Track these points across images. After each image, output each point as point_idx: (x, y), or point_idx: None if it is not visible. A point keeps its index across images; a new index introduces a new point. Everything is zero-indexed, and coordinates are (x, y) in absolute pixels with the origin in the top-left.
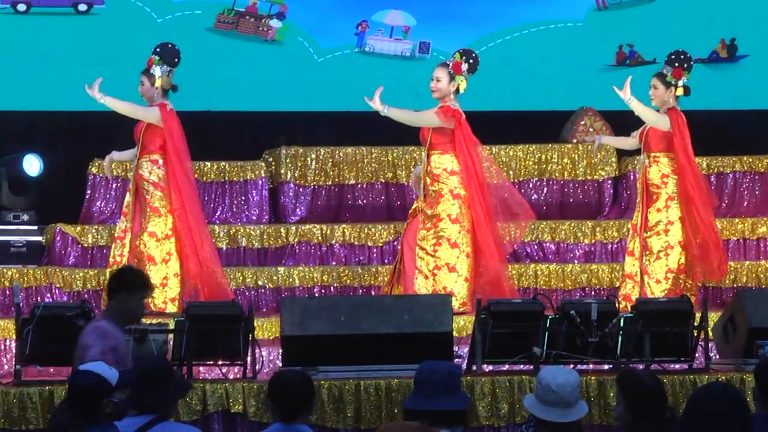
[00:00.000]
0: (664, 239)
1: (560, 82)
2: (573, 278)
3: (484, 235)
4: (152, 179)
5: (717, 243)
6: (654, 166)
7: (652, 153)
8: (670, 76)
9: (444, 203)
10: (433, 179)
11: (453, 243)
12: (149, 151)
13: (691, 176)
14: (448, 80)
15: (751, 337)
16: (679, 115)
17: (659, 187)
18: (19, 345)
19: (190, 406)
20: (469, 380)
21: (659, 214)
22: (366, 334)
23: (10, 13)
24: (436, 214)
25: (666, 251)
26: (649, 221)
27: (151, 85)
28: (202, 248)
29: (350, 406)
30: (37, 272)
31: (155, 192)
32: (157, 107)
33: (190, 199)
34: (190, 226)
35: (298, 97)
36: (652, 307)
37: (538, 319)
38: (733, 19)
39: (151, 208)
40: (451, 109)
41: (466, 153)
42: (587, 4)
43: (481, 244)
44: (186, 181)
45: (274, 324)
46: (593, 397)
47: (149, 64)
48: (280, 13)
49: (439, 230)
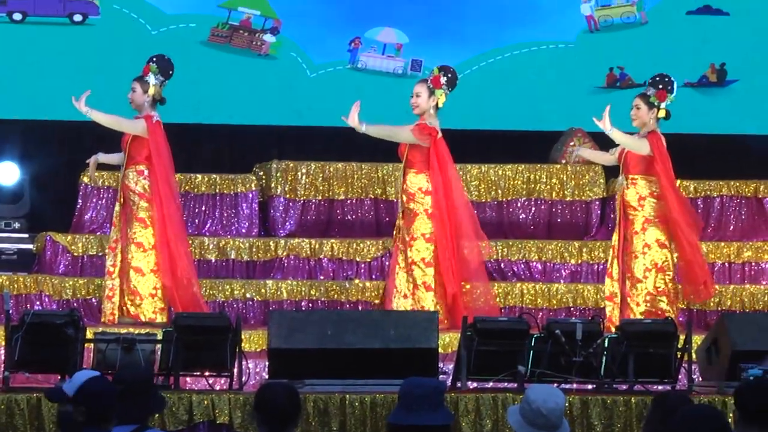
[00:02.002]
0: (642, 262)
1: (550, 102)
2: (559, 298)
3: (444, 253)
4: (138, 190)
5: (702, 264)
6: (632, 188)
7: (630, 175)
8: (654, 98)
9: (418, 222)
10: (409, 198)
11: (427, 262)
12: (136, 162)
13: (674, 198)
14: (428, 95)
15: (734, 360)
16: (659, 138)
17: (636, 210)
18: (8, 352)
19: (176, 416)
20: (454, 396)
21: (637, 237)
22: (352, 349)
23: (6, 22)
24: (410, 233)
25: (644, 274)
26: (629, 244)
27: (144, 92)
28: (180, 260)
29: (335, 420)
30: (27, 280)
31: (141, 203)
32: (143, 119)
33: (170, 211)
34: (168, 238)
35: (290, 112)
36: (637, 328)
37: (523, 337)
38: (723, 45)
39: (137, 218)
40: (428, 126)
41: (437, 172)
42: (579, 26)
43: (441, 261)
44: (168, 192)
45: (262, 336)
46: (576, 417)
47: (145, 72)
48: (273, 28)
49: (414, 249)
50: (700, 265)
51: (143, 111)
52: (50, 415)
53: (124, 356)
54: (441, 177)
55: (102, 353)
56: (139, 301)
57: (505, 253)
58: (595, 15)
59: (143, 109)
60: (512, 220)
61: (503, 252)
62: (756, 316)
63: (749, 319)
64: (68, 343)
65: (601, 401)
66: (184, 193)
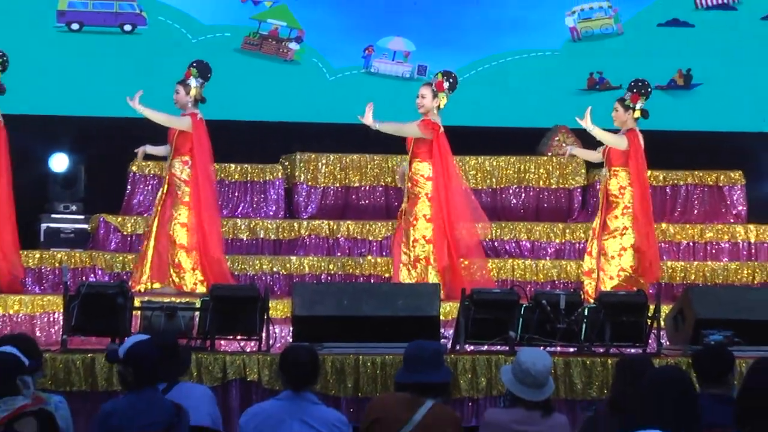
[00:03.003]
0: (618, 242)
1: (538, 102)
2: (545, 272)
3: (439, 232)
4: (183, 177)
5: (648, 251)
6: (614, 179)
7: (613, 167)
8: (629, 101)
9: (420, 204)
10: (413, 183)
11: (428, 239)
12: (180, 153)
13: (638, 191)
14: (432, 97)
15: (697, 327)
16: (636, 135)
17: (617, 197)
18: (66, 318)
19: (212, 374)
20: (453, 358)
21: (616, 221)
22: (365, 316)
23: (65, 31)
24: (413, 214)
25: (620, 252)
26: (609, 227)
27: (186, 94)
28: (212, 238)
29: (350, 378)
30: (82, 255)
31: (185, 188)
32: (189, 116)
33: (206, 195)
34: (202, 220)
35: (312, 110)
36: (613, 299)
37: (513, 307)
38: (689, 53)
39: (182, 202)
40: (431, 122)
41: (438, 161)
42: (563, 35)
43: (435, 239)
44: (206, 180)
45: (286, 305)
46: (560, 376)
47: (187, 76)
48: (298, 37)
49: (416, 228)
50: (646, 252)
51: (187, 110)
52: (102, 372)
53: (167, 322)
54: (441, 166)
55: (147, 319)
56: (182, 274)
57: (498, 233)
58: (578, 26)
59: (187, 108)
60: (504, 205)
61: (497, 233)
62: (716, 288)
63: (710, 292)
64: (118, 310)
65: (582, 362)
66: (220, 180)
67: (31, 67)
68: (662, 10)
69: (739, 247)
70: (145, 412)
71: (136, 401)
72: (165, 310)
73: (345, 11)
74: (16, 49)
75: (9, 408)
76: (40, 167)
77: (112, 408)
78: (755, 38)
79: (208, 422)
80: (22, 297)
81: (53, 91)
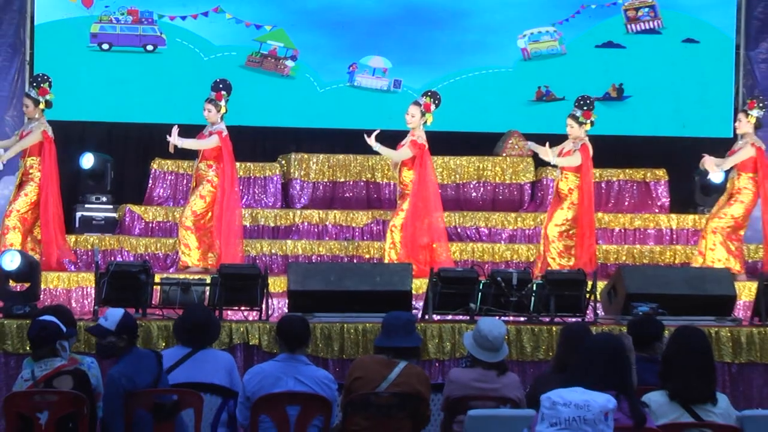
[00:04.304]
0: (562, 229)
1: (495, 111)
2: (500, 254)
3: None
4: (208, 177)
5: (583, 237)
6: (564, 180)
7: (564, 170)
8: (582, 117)
9: (406, 203)
10: (403, 186)
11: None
12: (206, 158)
13: (581, 196)
14: (420, 116)
15: (627, 300)
16: (587, 149)
17: (567, 196)
18: (97, 291)
19: (220, 339)
20: (422, 326)
21: (562, 213)
22: (349, 291)
23: (97, 50)
24: (402, 208)
25: (559, 237)
26: (555, 218)
27: (217, 111)
28: (232, 226)
29: (336, 342)
30: (111, 239)
31: (207, 186)
32: (216, 136)
33: (231, 194)
34: (222, 211)
35: (305, 118)
36: (557, 276)
37: (473, 283)
38: (621, 70)
39: (200, 195)
40: (418, 143)
41: (420, 170)
42: (516, 55)
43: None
44: (230, 181)
45: (283, 281)
46: (512, 341)
47: (218, 97)
48: (293, 56)
49: (397, 218)
50: (582, 238)
51: (216, 124)
52: None
53: (183, 295)
54: (422, 172)
55: (166, 293)
56: (189, 252)
57: (461, 221)
58: (528, 47)
59: (217, 123)
60: (466, 198)
61: (459, 221)
62: (644, 267)
63: (639, 270)
64: (141, 285)
65: (531, 330)
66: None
67: (68, 80)
68: (599, 34)
69: (662, 233)
70: (140, 369)
71: (132, 363)
72: (180, 285)
73: (332, 35)
74: (57, 66)
75: (49, 367)
76: (74, 165)
77: (117, 372)
78: (677, 58)
79: (226, 383)
80: (60, 274)
81: (86, 101)
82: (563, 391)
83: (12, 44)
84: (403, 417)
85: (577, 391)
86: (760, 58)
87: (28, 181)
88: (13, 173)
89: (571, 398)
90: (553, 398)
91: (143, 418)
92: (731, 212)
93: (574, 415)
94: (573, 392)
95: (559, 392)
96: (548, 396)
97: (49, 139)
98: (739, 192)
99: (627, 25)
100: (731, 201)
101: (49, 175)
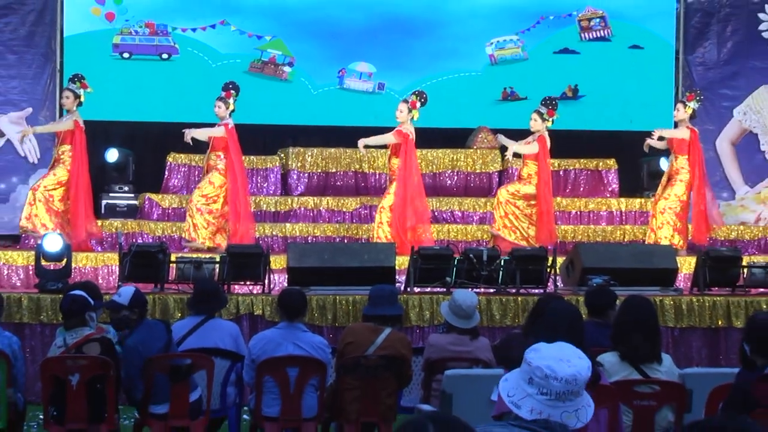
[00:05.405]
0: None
1: (466, 109)
2: (472, 234)
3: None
4: (218, 167)
5: (542, 215)
6: (525, 167)
7: (526, 158)
8: (546, 114)
9: (393, 187)
10: (392, 173)
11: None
12: (215, 149)
13: (539, 182)
14: (407, 112)
15: (583, 273)
16: (544, 140)
17: (527, 181)
18: (120, 269)
19: (228, 310)
20: (405, 297)
21: (517, 185)
22: (341, 267)
23: (119, 59)
24: (390, 191)
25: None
26: (509, 186)
27: (226, 108)
28: (241, 211)
29: (330, 312)
30: (132, 224)
31: (216, 174)
32: (223, 127)
33: (242, 182)
34: (237, 195)
35: (301, 116)
36: (521, 253)
37: (449, 259)
38: (576, 72)
39: (209, 182)
40: (402, 132)
41: (405, 158)
42: (484, 61)
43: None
44: (239, 170)
45: (283, 259)
46: (483, 310)
47: (228, 96)
48: (290, 63)
49: (385, 200)
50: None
51: (225, 119)
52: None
53: (196, 272)
54: (407, 160)
55: (181, 270)
56: (198, 230)
57: (438, 206)
58: (495, 54)
59: (225, 118)
60: (442, 185)
61: (436, 205)
62: (597, 245)
63: (593, 247)
64: (159, 263)
65: (499, 300)
66: None
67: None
68: (556, 42)
69: (613, 215)
70: (152, 337)
71: (144, 332)
72: (194, 263)
73: (324, 44)
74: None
75: (79, 335)
76: (100, 159)
77: (133, 343)
78: (624, 62)
79: (232, 348)
80: (88, 254)
81: (110, 103)
82: (554, 363)
83: (44, 54)
84: (388, 376)
85: (564, 360)
86: (697, 62)
87: (59, 164)
88: (46, 166)
89: (563, 374)
90: (546, 371)
91: (161, 380)
92: (674, 192)
93: (564, 389)
94: (561, 363)
95: (551, 366)
96: (539, 366)
97: (80, 128)
98: (677, 172)
99: (581, 34)
100: (672, 182)
101: (79, 162)
